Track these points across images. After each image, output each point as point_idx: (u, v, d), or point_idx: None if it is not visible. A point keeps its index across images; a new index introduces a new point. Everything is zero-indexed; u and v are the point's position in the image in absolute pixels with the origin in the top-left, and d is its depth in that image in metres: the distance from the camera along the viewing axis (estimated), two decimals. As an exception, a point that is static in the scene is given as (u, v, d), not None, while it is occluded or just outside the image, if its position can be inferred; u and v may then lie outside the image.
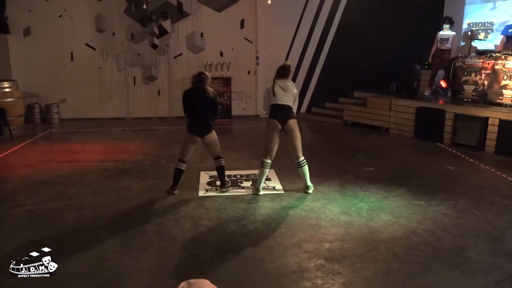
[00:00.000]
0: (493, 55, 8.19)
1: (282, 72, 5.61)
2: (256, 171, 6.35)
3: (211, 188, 5.94)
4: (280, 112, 5.52)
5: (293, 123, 5.54)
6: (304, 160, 5.67)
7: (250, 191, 5.81)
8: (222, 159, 5.78)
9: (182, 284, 1.55)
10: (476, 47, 9.70)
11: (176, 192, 5.65)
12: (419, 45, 10.84)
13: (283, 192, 5.81)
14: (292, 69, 11.15)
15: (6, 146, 8.21)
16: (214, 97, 5.53)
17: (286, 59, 11.24)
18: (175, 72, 11.15)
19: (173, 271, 3.83)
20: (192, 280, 1.55)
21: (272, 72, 5.83)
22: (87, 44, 10.84)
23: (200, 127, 5.54)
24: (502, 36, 8.89)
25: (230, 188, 5.89)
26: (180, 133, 9.46)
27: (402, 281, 3.70)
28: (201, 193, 5.77)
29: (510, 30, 8.65)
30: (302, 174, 5.74)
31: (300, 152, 5.64)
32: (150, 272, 3.84)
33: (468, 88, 8.44)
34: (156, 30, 10.75)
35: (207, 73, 5.58)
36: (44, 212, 5.13)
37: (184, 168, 5.65)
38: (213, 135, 5.64)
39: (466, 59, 8.52)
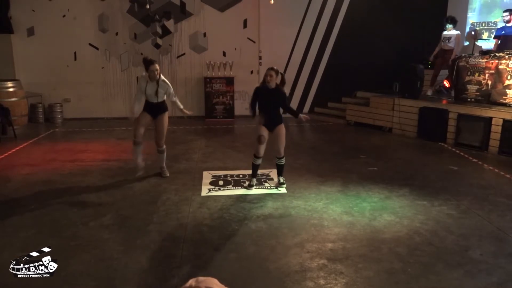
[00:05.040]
0: (497, 54, 8.17)
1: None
2: (258, 171, 6.37)
3: (214, 188, 5.94)
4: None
5: None
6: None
7: (252, 191, 5.81)
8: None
9: (190, 281, 1.55)
10: (481, 46, 9.67)
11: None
12: (422, 45, 10.82)
13: (285, 191, 5.81)
14: (295, 69, 11.37)
15: (10, 145, 8.23)
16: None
17: (289, 58, 11.26)
18: (178, 71, 11.16)
19: (175, 271, 3.84)
20: (200, 278, 1.55)
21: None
22: (90, 44, 10.86)
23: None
24: (495, 40, 8.91)
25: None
26: (182, 133, 9.47)
27: (404, 281, 3.70)
28: (204, 192, 5.78)
29: (503, 32, 8.64)
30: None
31: None
32: (153, 271, 3.84)
33: (472, 88, 8.41)
34: (159, 30, 10.76)
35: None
36: (47, 211, 5.14)
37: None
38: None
39: (470, 59, 8.49)
